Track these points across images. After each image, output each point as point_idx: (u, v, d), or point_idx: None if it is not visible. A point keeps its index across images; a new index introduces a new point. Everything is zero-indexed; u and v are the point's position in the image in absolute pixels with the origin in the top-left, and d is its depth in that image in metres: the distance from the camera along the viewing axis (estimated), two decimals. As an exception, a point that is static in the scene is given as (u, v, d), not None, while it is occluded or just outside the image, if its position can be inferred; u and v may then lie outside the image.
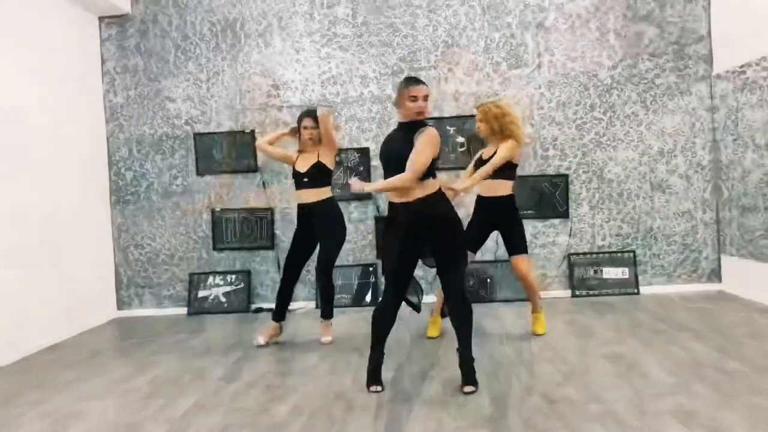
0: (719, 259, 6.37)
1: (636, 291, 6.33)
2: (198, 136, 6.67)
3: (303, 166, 5.02)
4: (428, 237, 3.69)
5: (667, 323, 5.08)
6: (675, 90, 6.35)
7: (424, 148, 3.55)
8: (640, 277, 6.41)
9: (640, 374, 3.84)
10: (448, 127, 6.48)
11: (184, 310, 6.66)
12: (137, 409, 3.70)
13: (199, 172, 6.69)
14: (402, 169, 3.57)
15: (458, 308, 3.74)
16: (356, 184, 3.77)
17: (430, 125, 3.69)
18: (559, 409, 3.35)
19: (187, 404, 3.73)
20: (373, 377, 3.83)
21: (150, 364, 4.69)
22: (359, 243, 6.61)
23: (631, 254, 6.42)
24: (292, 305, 6.49)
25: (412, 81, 3.68)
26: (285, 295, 5.12)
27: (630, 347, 4.45)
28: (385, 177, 3.72)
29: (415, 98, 3.61)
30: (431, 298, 5.54)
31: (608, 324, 5.17)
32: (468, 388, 3.64)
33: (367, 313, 6.12)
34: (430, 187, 3.66)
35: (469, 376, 3.70)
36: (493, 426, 3.17)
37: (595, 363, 4.12)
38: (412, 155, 3.54)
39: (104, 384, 4.26)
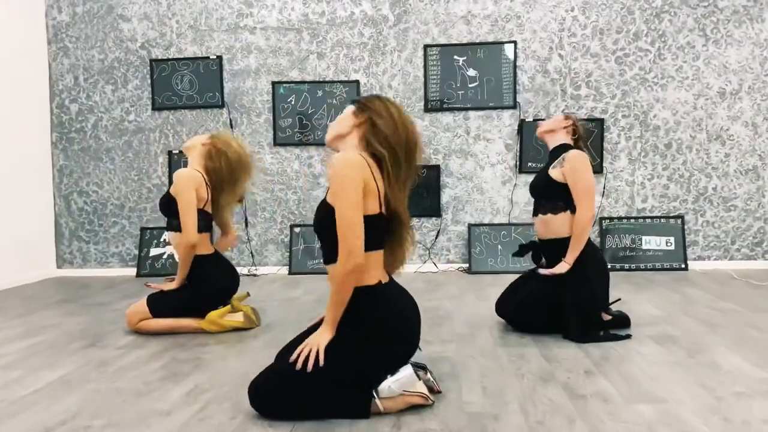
0: (791, 230, 5.09)
1: (683, 266, 5.07)
2: (155, 63, 5.54)
3: None
4: None
5: (731, 302, 3.84)
6: (743, 15, 5.04)
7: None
8: (688, 250, 5.15)
9: (708, 363, 2.62)
10: (456, 57, 5.25)
11: (133, 271, 5.56)
12: (-24, 383, 2.58)
13: (156, 107, 5.56)
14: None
15: None
16: None
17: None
18: (590, 409, 2.15)
19: (46, 379, 2.60)
20: None
21: (46, 327, 3.58)
22: (344, 197, 5.43)
23: (679, 221, 5.15)
24: (263, 270, 5.42)
25: None
26: None
27: (687, 328, 3.22)
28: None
29: None
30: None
31: (652, 300, 3.94)
32: None
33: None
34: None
35: None
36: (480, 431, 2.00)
37: (639, 346, 2.91)
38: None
39: (-32, 348, 3.15)
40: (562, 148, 3.21)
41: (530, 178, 5.22)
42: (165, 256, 5.51)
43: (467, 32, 5.26)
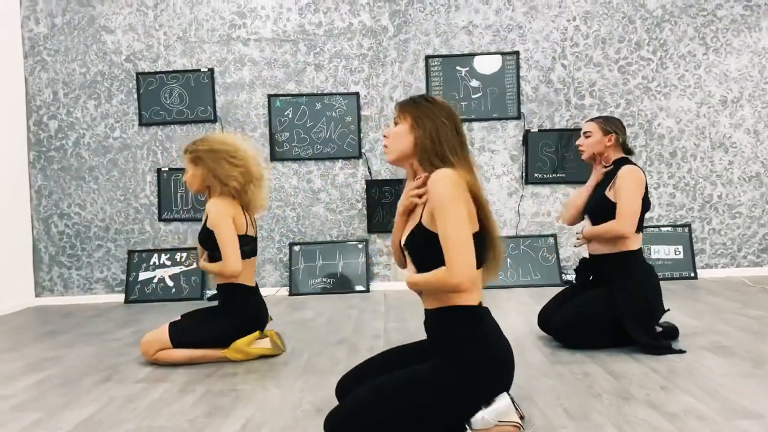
0: (794, 235, 5.12)
1: (693, 275, 5.03)
2: (142, 77, 5.25)
3: None
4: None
5: (759, 309, 3.79)
6: (741, 24, 5.09)
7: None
8: (696, 258, 5.12)
9: (781, 374, 2.52)
10: (458, 68, 5.15)
11: (120, 297, 5.21)
12: (-9, 429, 2.28)
13: (143, 122, 5.26)
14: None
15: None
16: None
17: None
18: (691, 427, 2.00)
19: (73, 420, 2.31)
20: None
21: (47, 360, 3.26)
22: (345, 213, 5.23)
23: (686, 229, 5.13)
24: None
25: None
26: None
27: (735, 338, 3.13)
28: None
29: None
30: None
31: (682, 309, 3.85)
32: None
33: (356, 299, 4.84)
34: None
35: None
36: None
37: (699, 358, 2.79)
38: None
39: (-35, 388, 2.82)
40: (618, 164, 3.09)
41: (537, 189, 5.16)
42: (156, 280, 5.18)
43: (469, 42, 5.17)
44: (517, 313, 3.99)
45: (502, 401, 1.92)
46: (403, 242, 2.02)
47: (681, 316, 3.63)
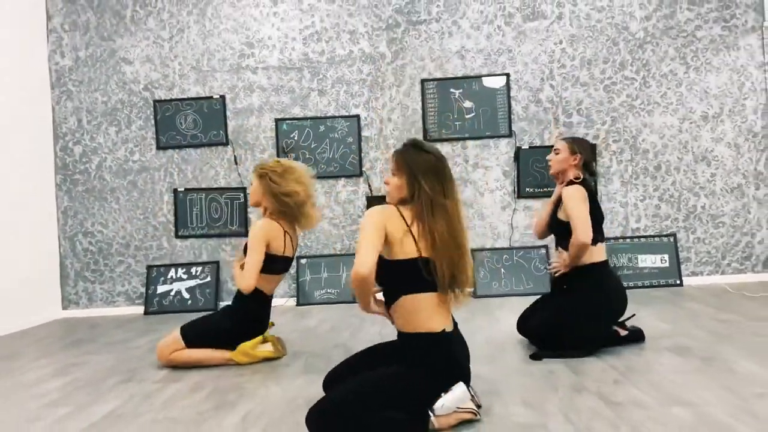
0: (776, 243, 5.36)
1: (678, 282, 5.30)
2: (159, 104, 5.67)
3: None
4: None
5: (733, 313, 4.05)
6: (720, 44, 5.38)
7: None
8: (682, 266, 5.38)
9: (725, 369, 2.80)
10: (452, 90, 5.49)
11: (140, 309, 5.60)
12: (28, 419, 2.64)
13: (160, 146, 5.68)
14: None
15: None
16: None
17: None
18: (629, 414, 2.30)
19: (99, 413, 2.67)
20: None
21: (74, 365, 3.63)
22: (348, 228, 5.58)
23: (672, 239, 5.40)
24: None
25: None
26: None
27: (698, 339, 3.41)
28: None
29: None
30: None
31: (660, 314, 4.13)
32: None
33: (358, 308, 5.15)
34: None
35: None
36: (536, 440, 2.13)
37: (658, 357, 3.08)
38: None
39: (4, 389, 3.19)
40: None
41: (529, 202, 5.47)
42: (173, 293, 5.56)
43: (462, 66, 5.51)
44: (506, 320, 4.29)
45: (460, 389, 2.24)
46: None
47: (655, 321, 3.91)
